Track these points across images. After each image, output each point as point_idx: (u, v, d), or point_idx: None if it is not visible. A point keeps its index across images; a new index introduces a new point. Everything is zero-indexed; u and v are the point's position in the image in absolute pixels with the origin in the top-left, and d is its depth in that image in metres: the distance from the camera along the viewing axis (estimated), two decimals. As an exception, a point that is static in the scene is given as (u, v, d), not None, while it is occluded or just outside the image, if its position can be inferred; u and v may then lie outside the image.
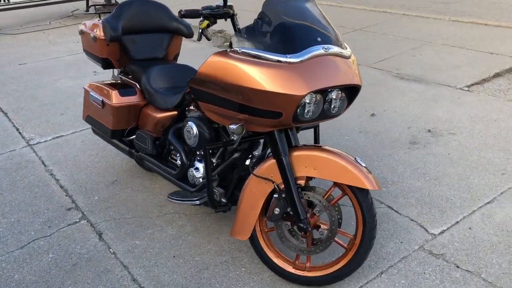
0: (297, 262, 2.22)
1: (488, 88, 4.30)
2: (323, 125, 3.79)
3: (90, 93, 3.00)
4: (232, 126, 2.08)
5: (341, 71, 1.95)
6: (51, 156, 3.61)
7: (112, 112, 2.79)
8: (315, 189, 2.17)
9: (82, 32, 3.14)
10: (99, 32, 2.94)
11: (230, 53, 1.95)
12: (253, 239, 2.25)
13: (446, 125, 3.65)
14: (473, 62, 4.96)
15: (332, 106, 2.03)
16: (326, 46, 1.94)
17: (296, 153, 2.10)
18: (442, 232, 2.50)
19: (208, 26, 2.00)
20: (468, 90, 4.29)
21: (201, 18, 2.00)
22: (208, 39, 2.07)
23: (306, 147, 2.12)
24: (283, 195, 2.09)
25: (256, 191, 2.15)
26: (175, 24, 3.04)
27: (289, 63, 1.86)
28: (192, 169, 2.51)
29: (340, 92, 2.02)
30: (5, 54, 6.70)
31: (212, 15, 2.02)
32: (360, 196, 2.05)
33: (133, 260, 2.45)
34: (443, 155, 3.23)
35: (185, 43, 6.59)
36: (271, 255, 2.23)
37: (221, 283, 2.26)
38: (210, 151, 2.50)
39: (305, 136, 3.28)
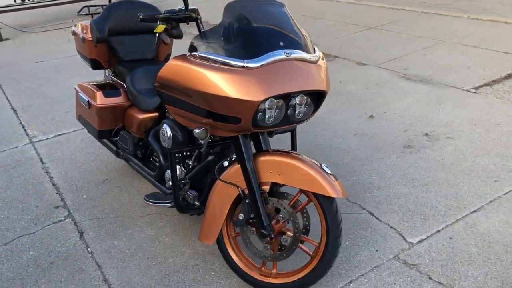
0: (263, 268, 2.20)
1: (497, 90, 4.14)
2: (318, 127, 3.75)
3: (79, 93, 3.05)
4: (196, 130, 2.07)
5: (303, 76, 1.91)
6: (50, 154, 3.69)
7: (96, 113, 2.83)
8: (283, 195, 2.15)
9: (74, 33, 3.19)
10: (88, 34, 2.98)
11: (189, 57, 1.94)
12: (220, 244, 2.25)
13: (445, 129, 3.54)
14: (486, 63, 4.78)
15: (296, 112, 1.99)
16: (288, 50, 1.90)
17: (262, 158, 2.08)
18: (420, 241, 2.43)
19: (166, 30, 1.99)
20: (475, 92, 4.14)
21: (158, 22, 2.00)
22: (165, 43, 2.06)
23: (273, 152, 2.10)
24: (247, 201, 2.07)
25: (222, 196, 2.14)
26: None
27: (247, 68, 1.84)
28: (168, 171, 2.52)
29: (305, 97, 1.98)
30: (25, 52, 6.89)
31: (172, 18, 2.01)
32: (324, 203, 2.01)
33: (108, 260, 2.48)
34: (436, 160, 3.13)
35: (185, 43, 6.63)
36: (237, 260, 2.22)
37: (189, 286, 2.26)
38: (186, 154, 2.50)
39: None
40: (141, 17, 2.01)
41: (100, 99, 2.80)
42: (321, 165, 2.04)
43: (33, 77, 5.71)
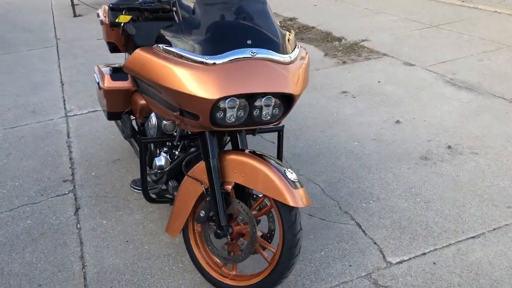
0: (223, 268, 2.17)
1: (550, 105, 3.74)
2: (338, 127, 3.61)
3: (94, 74, 3.16)
4: (164, 122, 2.07)
5: (267, 77, 1.83)
6: (77, 129, 3.88)
7: (104, 95, 2.91)
8: (253, 197, 2.10)
9: (98, 16, 3.30)
10: (106, 17, 3.07)
11: (154, 49, 1.93)
12: (185, 238, 2.25)
13: (473, 143, 3.26)
14: (547, 73, 4.32)
15: (263, 113, 1.92)
16: (255, 49, 1.83)
17: (228, 157, 2.04)
18: (400, 262, 2.27)
19: (133, 20, 1.99)
20: (523, 105, 3.77)
21: (123, 12, 2.00)
22: (129, 34, 2.06)
23: (241, 152, 2.05)
24: (208, 199, 2.05)
25: (188, 191, 2.14)
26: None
27: (207, 64, 1.79)
28: (156, 158, 2.55)
29: (273, 99, 1.90)
30: (91, 29, 7.24)
31: (144, 9, 2.00)
32: (283, 211, 1.94)
33: (91, 238, 2.58)
34: (450, 177, 2.90)
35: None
36: (199, 256, 2.21)
37: (154, 275, 2.30)
38: (173, 144, 2.51)
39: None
40: (110, 5, 2.02)
41: (108, 82, 2.88)
42: (285, 170, 1.95)
43: (89, 54, 5.99)
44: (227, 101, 1.82)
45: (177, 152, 2.47)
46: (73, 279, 2.30)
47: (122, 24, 1.98)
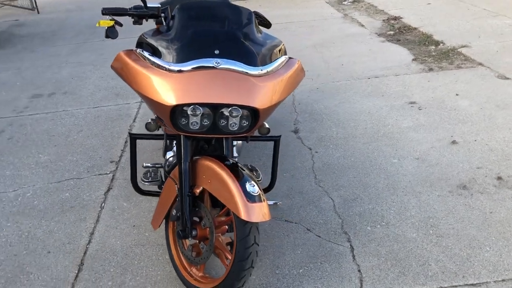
0: (192, 268, 2.24)
1: None
2: (385, 141, 3.40)
3: None
4: (148, 121, 2.19)
5: (228, 88, 1.84)
6: (144, 115, 4.21)
7: None
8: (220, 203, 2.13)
9: None
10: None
11: (133, 53, 2.04)
12: (166, 234, 2.36)
13: (530, 177, 2.84)
14: None
15: (230, 123, 1.94)
16: (220, 60, 1.85)
17: (202, 162, 2.09)
18: (374, 297, 2.12)
19: (113, 26, 2.10)
20: None
21: (108, 17, 2.12)
22: (112, 38, 2.17)
23: (214, 159, 2.08)
24: (178, 199, 2.13)
25: (168, 189, 2.24)
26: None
27: (171, 71, 1.86)
28: (167, 152, 2.70)
29: (240, 110, 1.91)
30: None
31: (132, 14, 2.11)
32: (237, 223, 1.94)
33: (107, 218, 2.83)
34: (482, 212, 2.58)
35: (344, 26, 6.42)
36: (174, 253, 2.30)
37: (140, 261, 2.46)
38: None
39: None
40: (104, 11, 2.15)
41: None
42: (247, 183, 1.94)
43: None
44: (189, 108, 1.87)
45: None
46: (75, 252, 2.56)
47: (106, 28, 2.12)
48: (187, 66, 1.85)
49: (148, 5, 2.09)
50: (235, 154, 2.64)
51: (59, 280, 2.36)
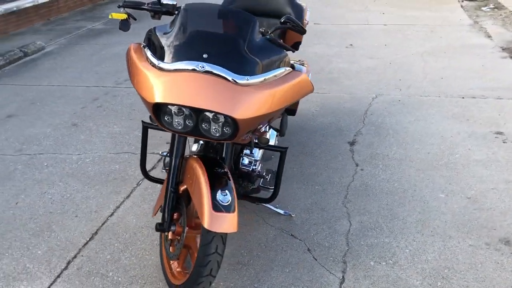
0: (174, 262, 2.30)
1: None
2: (442, 171, 3.07)
3: None
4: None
5: (206, 93, 1.82)
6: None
7: None
8: None
9: None
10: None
11: (140, 47, 2.11)
12: (162, 222, 2.44)
13: None
14: None
15: (212, 128, 1.93)
16: (205, 64, 1.84)
17: (191, 161, 2.12)
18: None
19: (132, 18, 2.16)
20: None
21: (122, 10, 2.18)
22: (124, 31, 2.21)
23: (201, 161, 2.09)
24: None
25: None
26: (287, 11, 3.09)
27: (160, 69, 1.90)
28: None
29: (221, 116, 1.88)
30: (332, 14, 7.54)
31: (149, 9, 2.16)
32: (203, 228, 1.95)
33: (137, 195, 3.02)
34: (509, 273, 2.21)
35: (466, 35, 5.82)
36: (161, 243, 2.37)
37: (142, 243, 2.59)
38: None
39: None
40: (121, 4, 2.22)
41: None
42: (220, 191, 1.93)
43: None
44: (174, 107, 1.90)
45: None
46: (96, 221, 2.78)
47: (120, 21, 2.21)
48: (173, 67, 1.86)
49: (163, 2, 2.14)
50: (257, 158, 2.60)
51: (71, 244, 2.59)
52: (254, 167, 2.58)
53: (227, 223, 1.89)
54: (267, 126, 2.83)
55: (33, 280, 2.34)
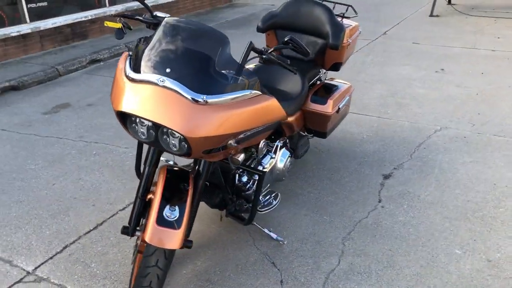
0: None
1: None
2: (470, 222, 2.71)
3: None
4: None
5: (159, 106, 1.83)
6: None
7: None
8: None
9: None
10: (261, 23, 3.32)
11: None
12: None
13: None
14: None
15: (171, 143, 1.95)
16: (165, 78, 1.86)
17: (162, 172, 2.17)
18: None
19: (129, 28, 2.22)
20: None
21: (117, 20, 2.24)
22: (117, 39, 2.25)
23: (167, 173, 2.12)
24: None
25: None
26: (325, 30, 2.99)
27: (128, 78, 1.97)
28: None
29: (175, 132, 1.89)
30: (438, 31, 7.10)
31: (140, 20, 2.22)
32: (146, 243, 1.98)
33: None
34: None
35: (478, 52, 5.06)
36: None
37: (132, 241, 2.69)
38: None
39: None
40: (120, 19, 2.29)
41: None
42: (168, 207, 1.96)
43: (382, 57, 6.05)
44: (137, 118, 1.96)
45: None
46: (107, 213, 2.95)
47: (115, 29, 2.29)
48: (138, 77, 1.91)
49: (156, 15, 2.19)
50: (256, 177, 2.55)
51: (75, 230, 2.79)
52: (250, 185, 2.53)
53: (168, 239, 1.90)
54: (277, 146, 2.75)
55: (30, 257, 2.56)
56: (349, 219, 2.79)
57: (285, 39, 2.25)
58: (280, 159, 2.79)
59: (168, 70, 1.88)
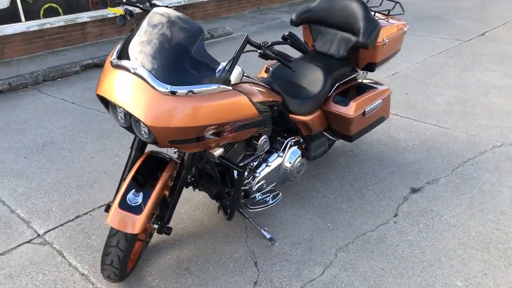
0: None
1: None
2: (490, 253, 2.40)
3: None
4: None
5: (129, 93, 1.88)
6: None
7: None
8: None
9: None
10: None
11: (121, 42, 2.25)
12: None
13: None
14: None
15: (142, 129, 1.99)
16: (137, 66, 1.90)
17: (146, 157, 2.23)
18: None
19: (131, 15, 2.26)
20: None
21: (121, 6, 2.28)
22: (120, 24, 2.27)
23: (148, 159, 2.19)
24: None
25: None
26: (358, 26, 2.83)
27: (110, 63, 2.04)
28: None
29: (139, 120, 1.93)
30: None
31: (140, 8, 2.24)
32: None
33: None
34: None
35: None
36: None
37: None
38: None
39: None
40: (123, 4, 2.32)
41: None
42: (133, 192, 2.02)
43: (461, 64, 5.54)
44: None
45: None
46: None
47: (118, 15, 2.34)
48: (116, 62, 1.97)
49: (154, 3, 2.22)
50: (256, 174, 2.52)
51: (93, 201, 2.97)
52: (248, 181, 2.50)
53: (127, 223, 1.95)
54: (287, 144, 2.66)
55: (45, 221, 2.79)
56: (353, 230, 2.62)
57: (284, 34, 2.17)
58: (288, 158, 2.70)
59: (142, 58, 1.91)
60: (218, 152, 2.13)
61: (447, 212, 2.74)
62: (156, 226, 2.27)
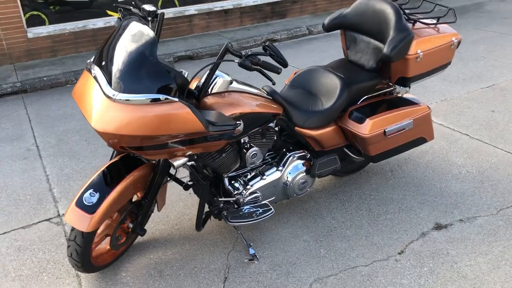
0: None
1: None
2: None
3: None
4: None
5: (86, 96, 1.96)
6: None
7: None
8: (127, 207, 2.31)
9: None
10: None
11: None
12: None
13: None
14: None
15: None
16: (96, 70, 1.97)
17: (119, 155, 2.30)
18: None
19: (123, 16, 2.28)
20: None
21: (118, 10, 2.29)
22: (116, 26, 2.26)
23: (119, 160, 2.25)
24: None
25: None
26: (388, 34, 2.56)
27: (86, 66, 2.14)
28: None
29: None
30: None
31: (136, 14, 2.25)
32: None
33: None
34: None
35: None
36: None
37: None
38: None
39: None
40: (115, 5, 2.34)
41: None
42: (90, 192, 2.09)
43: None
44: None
45: None
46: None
47: (116, 18, 2.36)
48: (87, 65, 2.06)
49: (143, 8, 2.24)
50: (249, 186, 2.45)
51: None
52: (239, 192, 2.43)
53: (79, 221, 2.04)
54: (287, 158, 2.52)
55: (62, 203, 3.03)
56: (344, 261, 2.38)
57: (263, 45, 2.06)
58: (288, 173, 2.55)
59: (103, 63, 1.95)
60: (178, 162, 2.09)
61: (465, 259, 2.34)
62: (131, 225, 2.33)
